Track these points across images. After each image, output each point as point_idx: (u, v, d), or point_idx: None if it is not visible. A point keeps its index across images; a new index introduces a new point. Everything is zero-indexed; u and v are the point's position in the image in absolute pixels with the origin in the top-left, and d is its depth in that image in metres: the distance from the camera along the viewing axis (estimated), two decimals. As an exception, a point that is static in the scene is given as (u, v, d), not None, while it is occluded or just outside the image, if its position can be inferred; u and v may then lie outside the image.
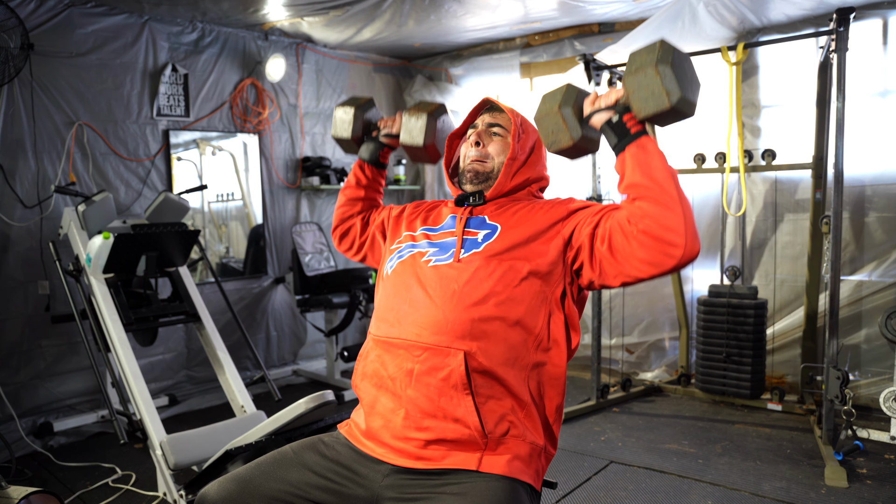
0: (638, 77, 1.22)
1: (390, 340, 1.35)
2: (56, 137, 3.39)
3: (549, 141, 1.36)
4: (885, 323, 3.19)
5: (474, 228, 1.43)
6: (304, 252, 4.32)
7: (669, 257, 1.19)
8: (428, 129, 1.57)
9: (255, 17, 3.85)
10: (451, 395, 1.26)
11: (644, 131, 1.26)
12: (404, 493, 1.26)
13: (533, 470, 1.30)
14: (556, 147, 1.36)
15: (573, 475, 2.85)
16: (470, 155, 1.50)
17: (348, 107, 1.72)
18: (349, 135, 1.72)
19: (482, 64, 4.93)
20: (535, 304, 1.32)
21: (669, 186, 1.20)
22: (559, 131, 1.33)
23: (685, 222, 1.19)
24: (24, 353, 3.30)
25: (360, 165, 1.73)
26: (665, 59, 1.19)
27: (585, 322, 4.43)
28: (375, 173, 1.74)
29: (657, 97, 1.20)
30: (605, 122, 1.30)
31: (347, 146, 1.76)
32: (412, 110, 1.60)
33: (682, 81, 1.20)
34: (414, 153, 1.63)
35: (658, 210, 1.20)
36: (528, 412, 1.30)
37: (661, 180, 1.21)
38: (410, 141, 1.59)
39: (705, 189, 4.06)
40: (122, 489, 2.76)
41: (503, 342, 1.29)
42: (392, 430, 1.31)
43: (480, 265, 1.34)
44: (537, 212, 1.41)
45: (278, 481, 1.33)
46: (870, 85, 3.54)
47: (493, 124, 1.52)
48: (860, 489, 2.67)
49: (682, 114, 1.23)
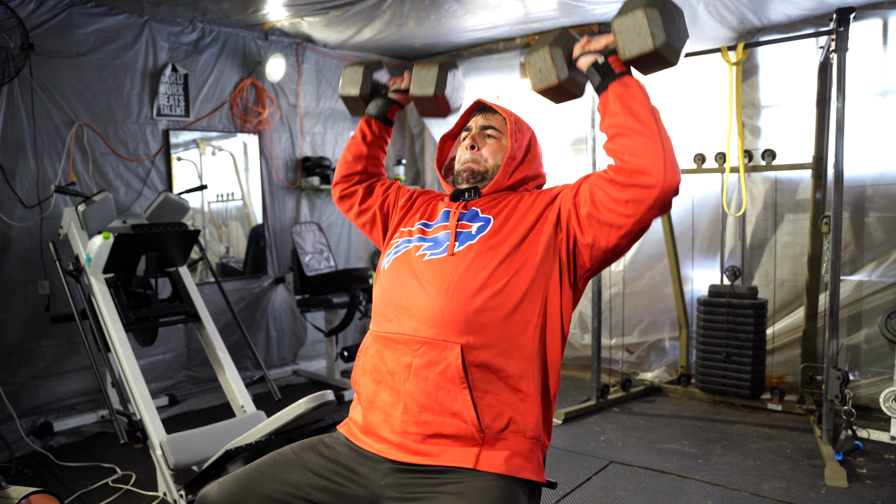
0: (626, 18, 1.25)
1: (389, 335, 1.35)
2: (56, 137, 3.39)
3: (536, 79, 1.39)
4: (885, 323, 3.19)
5: (468, 221, 1.44)
6: (304, 252, 4.33)
7: (648, 188, 1.20)
8: (439, 79, 1.55)
9: (255, 17, 3.85)
10: (449, 389, 1.26)
11: (628, 72, 1.29)
12: (404, 492, 1.26)
13: (535, 464, 1.30)
14: (542, 84, 1.38)
15: (573, 475, 2.85)
16: (464, 158, 1.52)
17: (357, 66, 1.71)
18: (357, 91, 1.70)
19: (482, 64, 4.93)
20: (530, 294, 1.32)
21: (649, 118, 1.23)
22: (547, 70, 1.36)
23: (664, 151, 1.20)
24: (24, 353, 3.30)
25: (367, 121, 1.70)
26: (655, 4, 1.22)
27: (585, 322, 4.43)
28: (382, 129, 1.70)
29: (642, 38, 1.23)
30: (591, 64, 1.32)
31: (355, 104, 1.73)
32: (423, 63, 1.59)
33: (669, 28, 1.23)
34: (424, 105, 1.61)
35: (636, 141, 1.22)
36: (528, 404, 1.30)
37: (640, 112, 1.24)
38: (421, 92, 1.57)
39: (705, 189, 4.06)
40: (122, 489, 2.76)
41: (500, 333, 1.29)
42: (391, 424, 1.31)
43: (475, 257, 1.35)
44: (527, 201, 1.43)
45: (278, 482, 1.33)
46: (870, 85, 3.54)
47: (487, 126, 1.53)
48: (860, 489, 2.67)
49: (665, 60, 1.26)
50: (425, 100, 1.58)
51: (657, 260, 4.25)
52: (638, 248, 4.23)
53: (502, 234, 1.37)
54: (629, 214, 1.23)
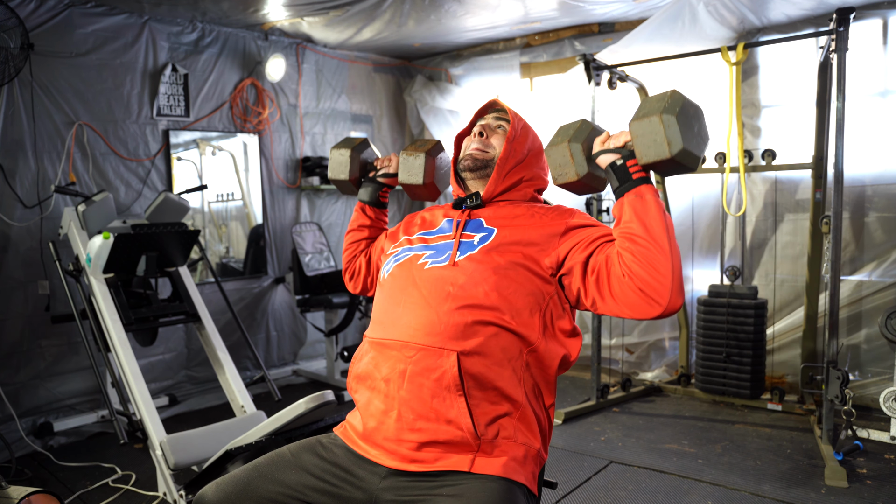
0: (643, 123, 1.23)
1: (384, 342, 1.35)
2: (56, 137, 3.39)
3: (556, 174, 1.38)
4: (885, 323, 3.19)
5: (471, 231, 1.44)
6: (304, 252, 4.33)
7: (651, 308, 1.22)
8: (427, 167, 1.60)
9: (255, 17, 3.85)
10: (444, 397, 1.26)
11: (646, 179, 1.27)
12: (401, 495, 1.26)
13: (529, 472, 1.29)
14: (561, 180, 1.38)
15: (573, 475, 2.85)
16: (472, 146, 1.53)
17: (343, 148, 1.74)
18: (347, 176, 1.73)
19: (482, 64, 4.93)
20: (529, 307, 1.32)
21: (662, 239, 1.22)
22: (566, 165, 1.35)
23: (672, 277, 1.21)
24: (24, 353, 3.30)
25: (362, 208, 1.75)
26: (672, 110, 1.20)
27: (585, 322, 4.43)
28: (378, 213, 1.76)
29: (659, 145, 1.21)
30: (609, 164, 1.31)
31: (345, 187, 1.77)
32: (409, 150, 1.63)
33: (686, 133, 1.20)
34: (413, 191, 1.66)
35: (648, 261, 1.22)
36: (523, 414, 1.30)
37: (655, 232, 1.23)
38: (409, 180, 1.62)
39: (705, 189, 4.06)
40: (122, 489, 2.76)
41: (497, 344, 1.29)
42: (385, 432, 1.30)
43: (475, 268, 1.34)
44: (536, 219, 1.42)
45: (276, 483, 1.33)
46: (870, 85, 3.54)
47: (500, 119, 1.55)
48: (860, 489, 2.67)
49: (683, 166, 1.24)
50: (414, 186, 1.63)
51: (657, 260, 4.25)
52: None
53: (504, 247, 1.37)
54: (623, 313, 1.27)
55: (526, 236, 1.38)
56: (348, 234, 1.78)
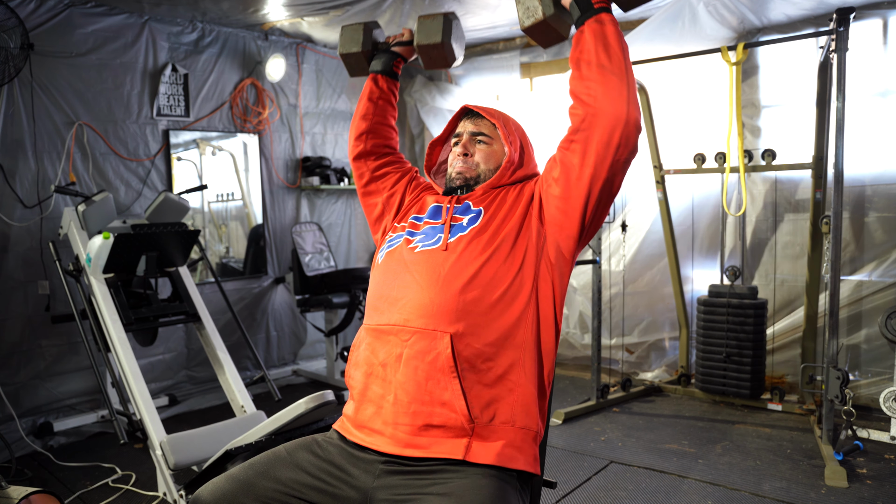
0: None
1: (380, 327, 1.37)
2: (56, 137, 3.39)
3: (524, 16, 1.42)
4: (885, 323, 3.19)
5: (459, 214, 1.46)
6: (304, 252, 4.33)
7: (612, 123, 1.26)
8: (445, 27, 1.57)
9: (255, 17, 3.85)
10: (439, 379, 1.27)
11: (607, 8, 1.32)
12: (395, 493, 1.26)
13: (529, 455, 1.30)
14: (529, 21, 1.42)
15: (573, 475, 2.85)
16: (457, 166, 1.54)
17: (356, 25, 1.70)
18: (360, 48, 1.68)
19: (482, 64, 4.93)
20: (521, 283, 1.34)
21: (618, 53, 1.28)
22: (534, 7, 1.40)
23: (628, 88, 1.27)
24: (24, 353, 3.30)
25: (374, 78, 1.68)
26: None
27: (585, 322, 4.43)
28: (389, 83, 1.70)
29: None
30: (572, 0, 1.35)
31: (356, 61, 1.71)
32: (426, 15, 1.61)
33: None
34: (430, 55, 1.61)
35: (601, 74, 1.27)
36: (520, 395, 1.30)
37: (613, 46, 1.28)
38: (427, 40, 1.58)
39: (705, 189, 4.06)
40: (122, 489, 2.76)
41: (491, 323, 1.30)
42: (383, 416, 1.32)
43: (466, 248, 1.37)
44: (514, 192, 1.47)
45: (272, 481, 1.34)
46: (870, 85, 3.54)
47: (477, 133, 1.54)
48: (860, 489, 2.67)
49: None
50: (432, 48, 1.59)
51: (657, 260, 4.25)
52: (638, 247, 4.23)
53: (493, 226, 1.40)
54: (593, 150, 1.29)
55: (512, 211, 1.42)
56: (356, 110, 1.71)
